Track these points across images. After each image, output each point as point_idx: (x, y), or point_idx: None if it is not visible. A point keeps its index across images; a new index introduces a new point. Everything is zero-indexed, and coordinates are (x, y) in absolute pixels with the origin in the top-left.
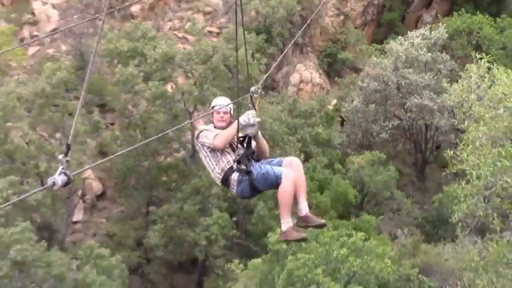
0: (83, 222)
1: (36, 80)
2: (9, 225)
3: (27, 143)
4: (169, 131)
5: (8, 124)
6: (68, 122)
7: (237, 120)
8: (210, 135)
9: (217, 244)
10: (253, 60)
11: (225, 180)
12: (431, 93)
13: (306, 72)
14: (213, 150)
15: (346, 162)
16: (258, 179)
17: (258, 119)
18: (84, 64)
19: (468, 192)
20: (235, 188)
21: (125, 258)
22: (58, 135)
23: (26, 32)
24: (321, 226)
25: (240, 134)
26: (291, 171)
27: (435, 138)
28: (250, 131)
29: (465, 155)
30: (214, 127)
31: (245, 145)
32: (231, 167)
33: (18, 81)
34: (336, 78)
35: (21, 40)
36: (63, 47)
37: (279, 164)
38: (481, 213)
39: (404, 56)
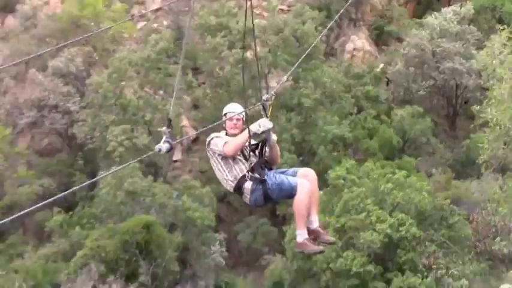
0: (181, 161)
1: (143, 48)
2: (124, 163)
3: (137, 98)
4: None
5: (122, 83)
6: (168, 81)
7: (247, 128)
8: (220, 142)
9: None
10: (316, 32)
11: (238, 189)
12: (461, 59)
13: (358, 42)
14: (224, 157)
15: (391, 114)
16: (272, 188)
17: (270, 126)
18: (181, 36)
19: (491, 138)
20: (248, 196)
21: (214, 189)
22: (161, 92)
23: (135, 10)
24: (331, 243)
25: (252, 142)
26: (307, 183)
27: (464, 95)
28: (263, 137)
29: (489, 109)
30: (227, 134)
31: (258, 153)
32: (244, 176)
33: (130, 49)
34: (383, 47)
35: (132, 16)
36: (165, 22)
37: (294, 174)
38: (502, 155)
39: (438, 28)
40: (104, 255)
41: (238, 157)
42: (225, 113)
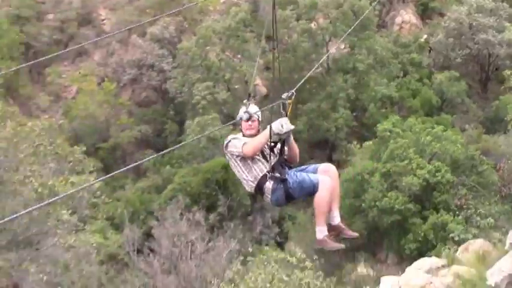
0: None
1: (225, 19)
2: (205, 114)
3: (218, 61)
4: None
5: (207, 48)
6: (245, 47)
7: (268, 128)
8: (238, 143)
9: (342, 131)
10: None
11: (259, 189)
12: (494, 31)
13: (406, 16)
14: (243, 158)
15: (431, 78)
16: (293, 187)
17: (292, 127)
18: (256, 8)
19: None
20: (269, 196)
21: None
22: (239, 56)
23: None
24: (354, 238)
25: (271, 140)
26: (328, 179)
27: (495, 63)
28: (283, 136)
29: None
30: (243, 135)
31: (277, 152)
32: (265, 175)
33: (214, 19)
34: (427, 20)
35: None
36: None
37: (314, 171)
38: None
39: (475, 5)
40: (189, 190)
41: (257, 157)
42: (242, 114)
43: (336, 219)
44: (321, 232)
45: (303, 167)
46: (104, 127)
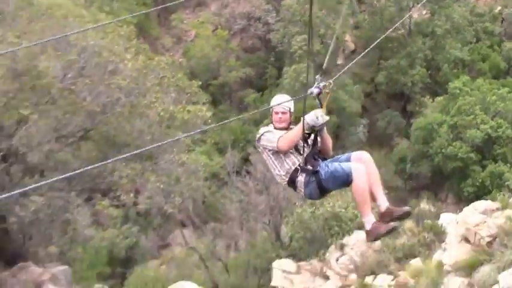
0: (341, 65)
1: None
2: (301, 62)
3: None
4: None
5: (306, 6)
6: (337, 8)
7: (302, 121)
8: (272, 138)
9: (417, 86)
10: None
11: (292, 183)
12: None
13: None
14: (276, 152)
15: (501, 45)
16: (326, 178)
17: (327, 118)
18: None
19: None
20: (302, 190)
21: (363, 86)
22: (332, 14)
23: None
24: (407, 214)
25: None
26: (361, 166)
27: None
28: (317, 128)
29: None
30: (274, 128)
31: (310, 143)
32: (296, 169)
33: None
34: None
35: None
36: None
37: (347, 160)
38: None
39: None
40: None
41: (290, 150)
42: (272, 105)
43: (383, 205)
44: (369, 223)
45: (336, 156)
46: (215, 67)
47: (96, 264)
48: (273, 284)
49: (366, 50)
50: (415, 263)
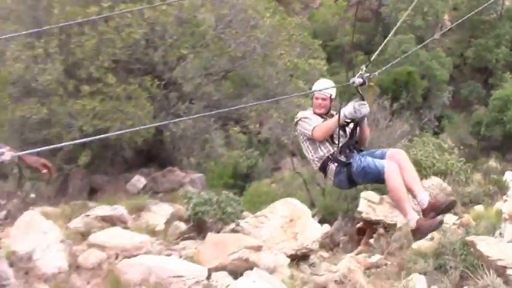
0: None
1: None
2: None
3: None
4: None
5: None
6: None
7: (338, 113)
8: (308, 126)
9: (500, 63)
10: None
11: (323, 169)
12: None
13: None
14: (310, 138)
15: None
16: (357, 172)
17: (367, 110)
18: None
19: None
20: (332, 178)
21: (453, 58)
22: None
23: None
24: (452, 204)
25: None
26: (393, 164)
27: None
28: (357, 119)
29: None
30: (314, 112)
31: (348, 132)
32: (329, 157)
33: None
34: None
35: None
36: None
37: (382, 156)
38: None
39: None
40: (381, 84)
41: (325, 139)
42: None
43: (424, 202)
44: (412, 220)
45: (371, 150)
46: (333, 31)
47: (223, 176)
48: (359, 209)
49: (443, 30)
50: (479, 208)
